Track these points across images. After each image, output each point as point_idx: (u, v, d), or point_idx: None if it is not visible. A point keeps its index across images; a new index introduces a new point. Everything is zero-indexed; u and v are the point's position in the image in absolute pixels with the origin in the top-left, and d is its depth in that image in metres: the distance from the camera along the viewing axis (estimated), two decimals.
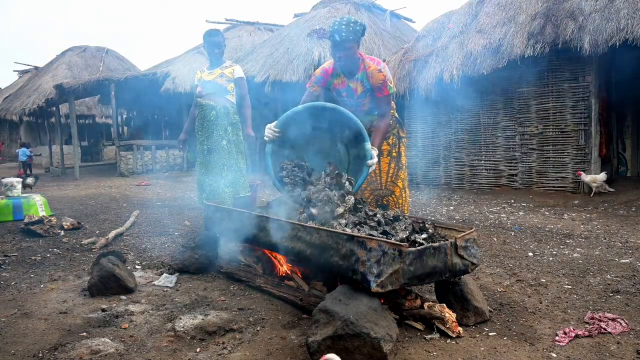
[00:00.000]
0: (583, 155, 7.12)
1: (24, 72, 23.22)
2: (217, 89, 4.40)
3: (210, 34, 4.42)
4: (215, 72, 4.44)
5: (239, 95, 4.50)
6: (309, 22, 11.81)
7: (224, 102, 4.40)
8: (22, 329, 2.36)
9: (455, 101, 8.15)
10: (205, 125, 4.42)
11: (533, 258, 3.68)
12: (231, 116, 4.43)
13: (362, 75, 3.09)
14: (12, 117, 17.01)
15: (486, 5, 8.16)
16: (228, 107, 4.41)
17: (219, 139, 4.37)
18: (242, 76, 4.49)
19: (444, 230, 2.64)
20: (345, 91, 3.19)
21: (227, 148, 4.39)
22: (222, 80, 4.42)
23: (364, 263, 2.07)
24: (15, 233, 4.72)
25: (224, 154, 4.38)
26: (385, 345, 1.90)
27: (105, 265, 2.86)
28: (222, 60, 4.50)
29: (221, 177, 4.36)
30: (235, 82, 4.45)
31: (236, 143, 4.47)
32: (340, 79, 3.17)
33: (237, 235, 3.06)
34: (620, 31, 6.29)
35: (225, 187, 4.35)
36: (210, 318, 2.44)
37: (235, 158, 4.44)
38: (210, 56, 4.53)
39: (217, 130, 4.37)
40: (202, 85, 4.45)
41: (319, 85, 3.20)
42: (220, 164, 4.38)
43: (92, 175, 12.55)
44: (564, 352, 2.07)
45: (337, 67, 3.14)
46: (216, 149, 4.38)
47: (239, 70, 4.49)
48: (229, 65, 4.48)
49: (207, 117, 4.40)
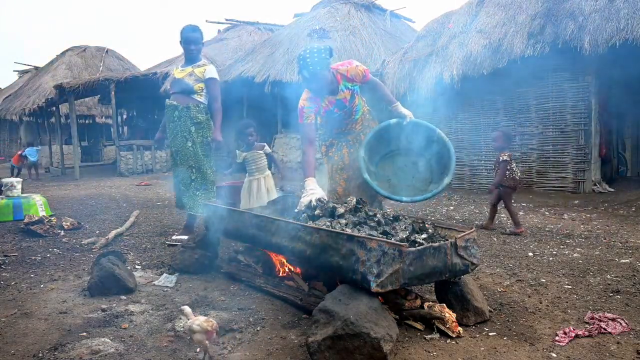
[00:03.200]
0: (583, 155, 7.12)
1: (24, 72, 23.21)
2: (184, 88, 4.17)
3: (188, 29, 4.16)
4: (187, 70, 4.21)
5: (210, 96, 4.24)
6: (309, 22, 11.81)
7: (187, 102, 4.15)
8: (22, 329, 2.36)
9: (455, 101, 8.15)
10: (170, 127, 4.25)
11: (533, 258, 3.68)
12: (194, 116, 4.15)
13: (343, 84, 3.17)
14: (12, 117, 16.98)
15: (486, 5, 8.16)
16: (191, 107, 4.14)
17: (184, 140, 4.18)
18: (214, 77, 4.22)
19: (444, 230, 2.64)
20: (336, 106, 3.24)
21: (192, 150, 4.17)
22: (190, 80, 4.17)
23: (364, 263, 2.07)
24: (15, 233, 4.72)
25: (190, 155, 4.18)
26: (385, 345, 1.90)
27: (105, 265, 2.86)
28: (198, 58, 4.24)
29: (189, 179, 4.21)
30: (206, 82, 4.18)
31: (202, 145, 4.21)
32: (327, 99, 3.21)
33: (237, 235, 3.06)
34: (620, 31, 6.29)
35: (195, 190, 4.21)
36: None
37: (202, 160, 4.22)
38: (185, 52, 4.25)
39: (180, 132, 4.17)
40: (172, 83, 4.29)
41: (313, 112, 3.19)
42: (186, 166, 4.20)
43: (92, 175, 12.55)
44: (564, 352, 2.07)
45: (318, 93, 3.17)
46: (181, 150, 4.20)
47: (211, 71, 4.21)
48: (202, 64, 4.22)
49: (170, 118, 4.21)
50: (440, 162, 3.25)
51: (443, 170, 3.18)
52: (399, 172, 3.40)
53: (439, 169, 3.25)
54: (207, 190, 4.30)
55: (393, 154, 3.43)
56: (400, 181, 3.36)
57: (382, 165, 3.44)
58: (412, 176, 3.35)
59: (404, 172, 3.39)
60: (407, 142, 3.33)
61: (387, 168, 3.44)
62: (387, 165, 3.44)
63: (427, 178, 3.33)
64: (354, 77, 3.17)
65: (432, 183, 3.28)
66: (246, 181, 4.51)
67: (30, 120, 18.95)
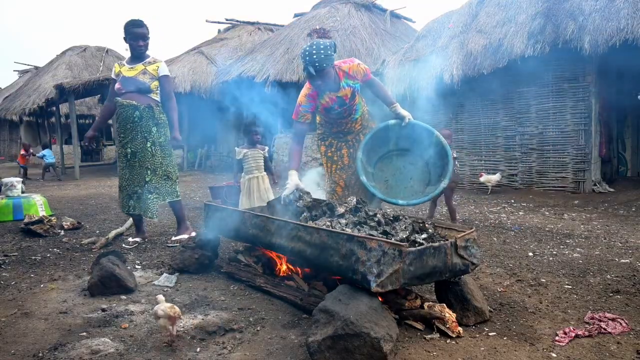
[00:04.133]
0: (583, 155, 7.12)
1: (24, 72, 23.22)
2: (140, 87, 3.97)
3: (135, 24, 3.97)
4: (137, 68, 4.01)
5: (164, 94, 4.08)
6: (309, 22, 11.82)
7: (147, 101, 3.99)
8: (22, 329, 2.36)
9: (455, 101, 8.15)
10: (128, 127, 4.00)
11: (533, 258, 3.68)
12: (157, 116, 4.04)
13: (345, 81, 3.17)
14: (12, 117, 16.98)
15: (486, 5, 8.16)
16: (153, 107, 4.01)
17: (144, 141, 4.00)
18: (168, 74, 4.10)
19: (444, 230, 2.64)
20: (337, 103, 3.24)
21: (151, 151, 4.03)
22: (145, 78, 4.00)
23: (364, 263, 2.07)
24: (15, 233, 4.72)
25: (149, 157, 4.03)
26: (385, 345, 1.89)
27: (106, 265, 2.86)
28: (146, 55, 4.08)
29: (143, 181, 4.04)
30: (160, 79, 4.04)
31: (162, 145, 4.08)
32: (328, 96, 3.20)
33: (237, 235, 3.07)
34: (621, 31, 6.29)
35: (148, 192, 4.05)
36: (210, 318, 2.44)
37: (160, 161, 4.09)
38: (133, 49, 4.03)
39: (141, 132, 3.99)
40: (122, 82, 3.99)
41: (309, 112, 3.21)
42: (144, 168, 4.03)
43: (92, 175, 12.56)
44: (564, 352, 2.07)
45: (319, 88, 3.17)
46: (140, 151, 4.01)
47: (164, 68, 4.09)
48: (153, 61, 4.07)
49: (129, 119, 3.98)
50: (437, 164, 3.26)
51: (441, 173, 3.19)
52: (397, 173, 3.40)
53: (437, 171, 3.26)
54: (165, 192, 4.14)
55: (391, 155, 3.44)
56: (398, 182, 3.37)
57: (381, 166, 3.44)
58: (410, 177, 3.36)
59: (402, 174, 3.40)
60: (405, 143, 3.34)
61: (385, 169, 3.44)
62: (385, 166, 3.45)
63: (424, 180, 3.33)
64: (356, 75, 3.18)
65: (429, 185, 3.28)
66: (244, 180, 4.51)
67: (30, 120, 18.96)
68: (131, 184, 4.08)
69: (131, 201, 4.09)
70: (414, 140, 3.29)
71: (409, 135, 3.29)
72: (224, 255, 3.57)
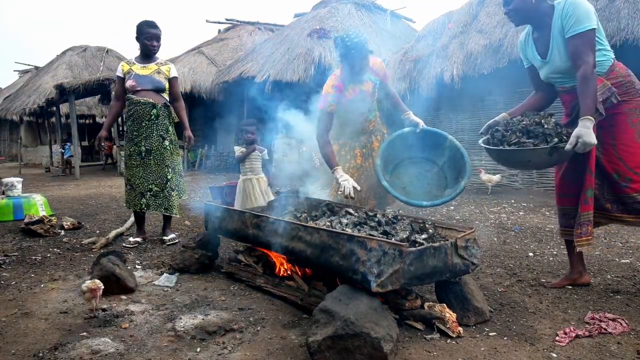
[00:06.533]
0: None
1: (24, 72, 23.25)
2: (157, 86, 4.07)
3: (150, 24, 4.05)
4: (151, 67, 4.09)
5: (174, 94, 4.20)
6: (309, 22, 11.81)
7: (162, 100, 4.10)
8: (22, 329, 2.37)
9: (456, 101, 8.15)
10: (143, 125, 4.04)
11: (533, 258, 3.68)
12: (173, 115, 4.18)
13: (368, 75, 3.22)
14: (13, 117, 17.00)
15: (486, 5, 8.16)
16: (169, 106, 4.15)
17: (160, 139, 4.07)
18: (177, 76, 4.25)
19: (444, 230, 2.64)
20: (359, 97, 3.25)
21: (170, 149, 4.12)
22: (160, 77, 4.09)
23: (364, 263, 2.07)
24: (15, 233, 4.72)
25: (167, 155, 4.11)
26: (386, 345, 1.89)
27: (106, 265, 2.86)
28: (156, 56, 4.18)
29: (165, 179, 4.11)
30: (170, 81, 4.15)
31: (175, 144, 4.24)
32: (352, 88, 3.21)
33: (237, 235, 3.06)
34: (621, 31, 6.28)
35: (170, 189, 4.14)
36: (210, 318, 2.44)
37: (177, 159, 4.26)
38: (146, 49, 4.08)
39: (157, 130, 4.06)
40: (137, 79, 4.03)
41: (336, 103, 3.19)
42: (162, 166, 4.10)
43: (92, 175, 12.57)
44: (564, 352, 2.07)
45: (346, 79, 3.18)
46: (156, 149, 4.07)
47: (175, 70, 4.23)
48: (164, 62, 4.19)
49: (145, 116, 4.02)
50: (452, 167, 3.28)
51: (457, 175, 3.21)
52: (414, 180, 3.40)
53: (453, 174, 3.28)
54: (181, 189, 4.32)
55: (406, 162, 3.44)
56: (415, 189, 3.35)
57: (397, 174, 3.43)
58: (427, 183, 3.37)
59: (419, 180, 3.40)
60: (420, 150, 3.34)
61: (402, 177, 3.43)
62: (401, 174, 3.44)
63: (441, 184, 3.34)
64: (378, 72, 3.27)
65: (447, 188, 3.29)
66: (240, 181, 4.46)
67: (30, 120, 18.98)
68: (145, 181, 4.09)
69: (143, 199, 4.10)
70: (428, 146, 3.31)
71: (422, 142, 3.30)
72: (224, 255, 3.57)
